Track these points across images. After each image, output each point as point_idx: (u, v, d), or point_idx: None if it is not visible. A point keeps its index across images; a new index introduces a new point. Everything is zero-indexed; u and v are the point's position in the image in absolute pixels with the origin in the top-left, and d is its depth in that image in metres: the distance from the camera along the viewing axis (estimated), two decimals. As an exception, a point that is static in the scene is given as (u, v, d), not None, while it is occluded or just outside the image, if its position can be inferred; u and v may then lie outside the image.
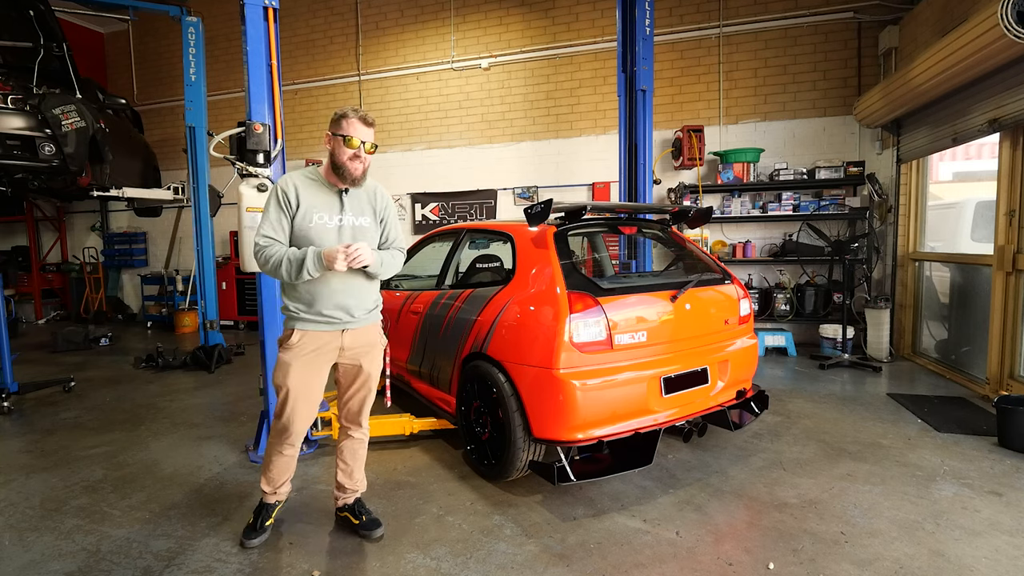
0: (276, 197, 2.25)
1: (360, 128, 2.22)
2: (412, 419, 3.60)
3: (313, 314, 2.29)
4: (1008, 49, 3.56)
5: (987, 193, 4.48)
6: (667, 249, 4.89)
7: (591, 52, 7.23)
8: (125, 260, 9.68)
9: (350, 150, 2.21)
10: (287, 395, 2.31)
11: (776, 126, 6.62)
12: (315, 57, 8.43)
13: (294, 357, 2.30)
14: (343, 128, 2.22)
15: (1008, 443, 3.30)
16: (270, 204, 2.25)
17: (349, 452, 2.55)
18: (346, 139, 2.20)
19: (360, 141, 2.21)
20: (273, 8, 3.22)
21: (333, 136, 2.24)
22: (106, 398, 4.83)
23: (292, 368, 2.29)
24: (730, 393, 3.19)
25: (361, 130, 2.22)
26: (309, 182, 2.29)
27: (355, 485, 2.57)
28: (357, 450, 2.56)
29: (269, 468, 2.47)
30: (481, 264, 3.59)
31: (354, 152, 2.22)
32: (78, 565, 2.31)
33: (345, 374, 2.45)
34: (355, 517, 2.54)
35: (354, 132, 2.21)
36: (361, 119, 2.23)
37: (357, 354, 2.40)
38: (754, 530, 2.49)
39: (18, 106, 4.74)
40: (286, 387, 2.30)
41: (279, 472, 2.47)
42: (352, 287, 2.32)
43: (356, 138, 2.21)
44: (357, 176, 2.26)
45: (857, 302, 6.05)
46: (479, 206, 7.81)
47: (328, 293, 2.28)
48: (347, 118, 2.22)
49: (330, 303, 2.29)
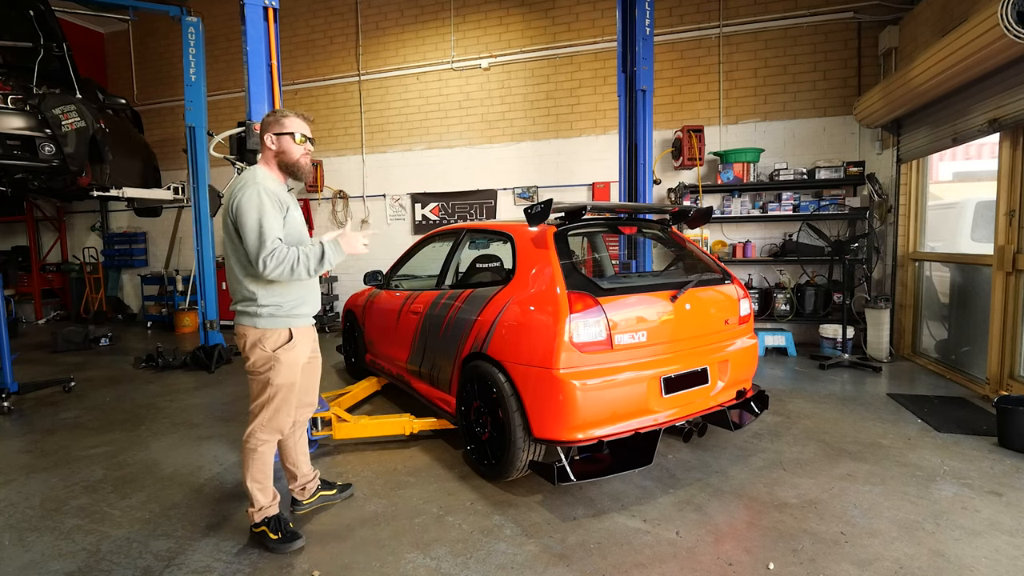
0: (269, 200, 2.21)
1: (305, 125, 2.32)
2: (412, 419, 3.60)
3: (307, 310, 2.41)
4: (1008, 49, 3.56)
5: (987, 193, 4.48)
6: (667, 249, 4.89)
7: (591, 52, 7.23)
8: (125, 260, 9.68)
9: (301, 147, 2.30)
10: (289, 391, 2.35)
11: (776, 126, 6.62)
12: (315, 57, 8.43)
13: (299, 356, 2.36)
14: (288, 127, 2.28)
15: (1008, 443, 3.30)
16: (266, 208, 2.18)
17: (304, 440, 2.73)
18: (297, 136, 2.29)
19: (306, 137, 2.31)
20: (273, 8, 3.22)
21: (278, 136, 2.29)
22: (106, 398, 4.83)
23: (298, 367, 2.37)
24: (730, 393, 3.19)
25: (307, 128, 2.33)
26: (273, 183, 2.31)
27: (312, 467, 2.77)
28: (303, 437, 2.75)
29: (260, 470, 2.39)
30: (481, 264, 3.60)
31: (305, 149, 2.31)
32: (78, 565, 2.31)
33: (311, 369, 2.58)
34: (329, 489, 2.76)
35: (303, 130, 2.29)
36: (303, 117, 2.33)
37: (317, 345, 2.59)
38: (754, 530, 2.49)
39: (18, 106, 4.74)
40: (288, 384, 2.34)
41: (266, 471, 2.41)
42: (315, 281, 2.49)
43: (307, 135, 2.31)
44: (308, 170, 2.37)
45: (857, 302, 6.05)
46: (479, 206, 7.81)
47: (314, 288, 2.44)
48: (289, 117, 2.30)
49: (314, 299, 2.44)
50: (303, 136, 2.30)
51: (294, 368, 2.36)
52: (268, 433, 2.38)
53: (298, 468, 2.69)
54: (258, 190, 2.20)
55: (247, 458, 2.39)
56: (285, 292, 2.33)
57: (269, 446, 2.42)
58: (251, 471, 2.39)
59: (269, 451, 2.42)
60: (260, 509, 2.41)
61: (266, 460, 2.42)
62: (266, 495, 2.43)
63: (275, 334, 2.32)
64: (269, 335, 2.31)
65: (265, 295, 2.31)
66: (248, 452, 2.39)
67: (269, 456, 2.43)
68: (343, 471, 3.18)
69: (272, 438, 2.41)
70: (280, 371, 2.32)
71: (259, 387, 2.36)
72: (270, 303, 2.31)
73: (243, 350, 2.35)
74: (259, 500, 2.40)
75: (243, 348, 2.35)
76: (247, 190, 2.20)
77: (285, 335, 2.33)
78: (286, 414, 2.39)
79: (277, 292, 2.32)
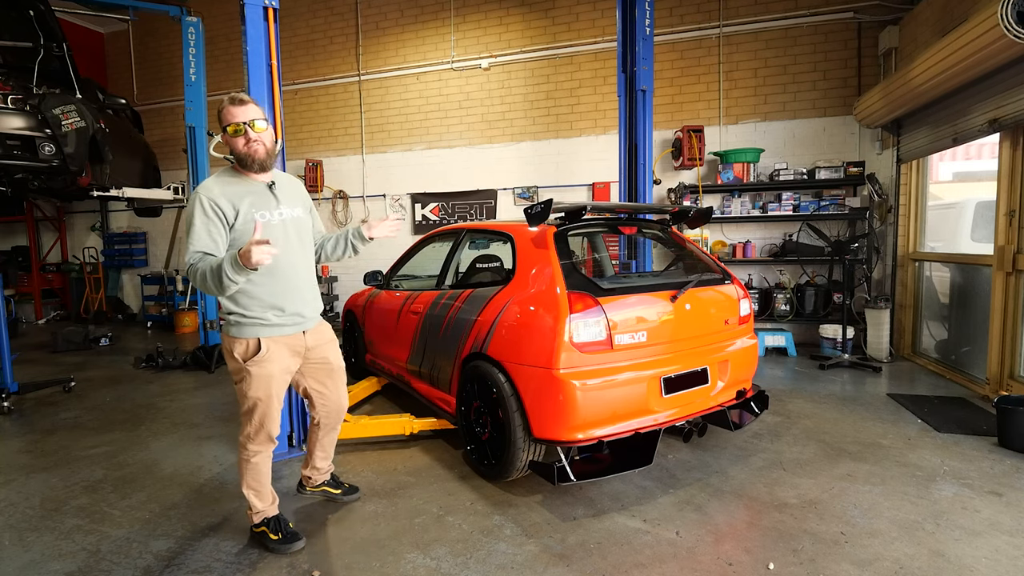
0: (203, 208, 2.08)
1: (234, 111, 2.14)
2: (412, 419, 3.60)
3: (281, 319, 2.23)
4: (1008, 49, 3.56)
5: (987, 193, 4.48)
6: (667, 249, 4.89)
7: (591, 52, 7.23)
8: (125, 260, 9.68)
9: (239, 137, 2.13)
10: (268, 404, 2.25)
11: (776, 126, 6.62)
12: (315, 57, 8.43)
13: (273, 368, 2.22)
14: (223, 119, 2.14)
15: (1008, 443, 3.30)
16: (195, 218, 2.07)
17: (330, 441, 2.69)
18: (228, 128, 2.13)
19: (241, 123, 2.13)
20: (273, 8, 3.22)
21: (223, 133, 2.16)
22: (106, 398, 4.83)
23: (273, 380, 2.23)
24: (730, 393, 3.19)
25: (236, 112, 2.14)
26: (231, 185, 2.18)
27: (330, 464, 2.80)
28: (336, 437, 2.74)
29: (256, 479, 2.36)
30: (481, 264, 3.60)
31: (244, 137, 2.13)
32: (78, 565, 2.31)
33: (316, 375, 2.47)
34: (336, 487, 2.75)
35: (232, 118, 2.14)
36: (231, 101, 2.14)
37: (322, 350, 2.44)
38: (754, 530, 2.49)
39: (18, 106, 4.73)
40: (265, 397, 2.24)
41: (264, 478, 2.39)
42: (307, 283, 2.35)
43: (236, 122, 2.13)
44: (260, 157, 2.17)
45: (857, 302, 6.05)
46: (479, 206, 7.81)
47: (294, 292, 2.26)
48: (222, 109, 2.15)
49: (295, 304, 2.26)
50: (233, 125, 2.12)
51: (266, 381, 2.22)
52: (258, 444, 2.33)
53: (313, 459, 2.72)
54: (197, 198, 2.10)
55: (241, 466, 2.38)
56: (245, 298, 2.17)
57: (262, 456, 2.37)
58: (246, 479, 2.38)
59: (263, 460, 2.37)
60: (258, 512, 2.41)
61: (260, 469, 2.38)
62: (263, 500, 2.41)
63: (242, 344, 2.20)
64: (237, 344, 2.20)
65: (226, 302, 2.19)
66: (242, 461, 2.37)
67: (263, 465, 2.38)
68: (343, 471, 3.18)
69: (264, 448, 2.36)
70: (251, 383, 2.21)
71: (240, 396, 2.28)
72: (233, 310, 2.19)
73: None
74: (256, 504, 2.40)
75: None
76: (191, 198, 2.12)
77: (254, 345, 2.19)
78: (273, 423, 2.32)
79: (236, 299, 2.17)
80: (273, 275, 2.20)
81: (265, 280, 2.19)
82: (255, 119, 2.16)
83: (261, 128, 2.17)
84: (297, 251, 2.32)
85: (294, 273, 2.28)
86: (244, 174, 2.23)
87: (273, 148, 2.24)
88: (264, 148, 2.18)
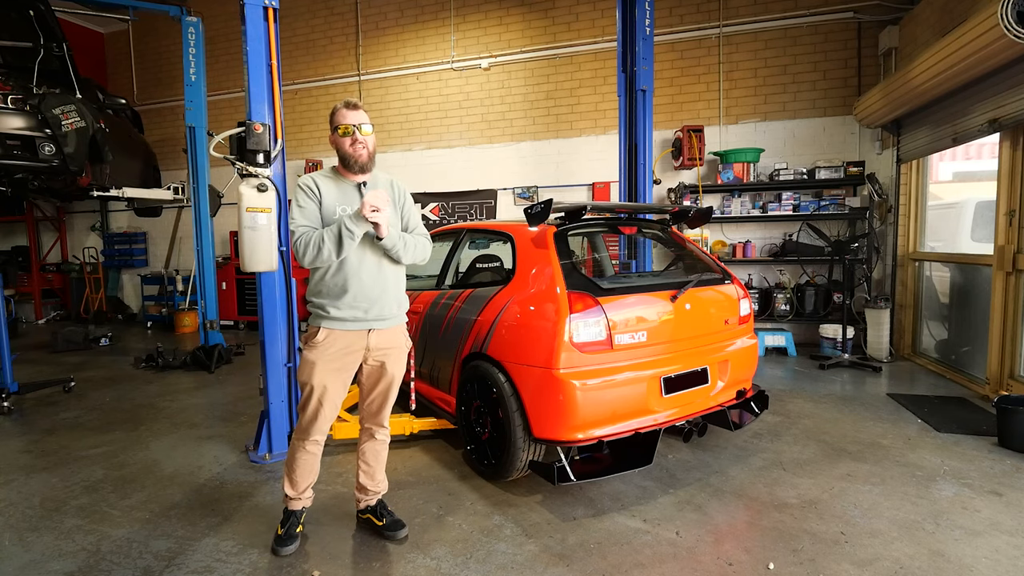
0: (302, 191, 2.31)
1: (347, 114, 2.32)
2: (412, 419, 3.59)
3: (341, 313, 2.29)
4: (1008, 49, 3.56)
5: (987, 193, 4.48)
6: (667, 249, 4.89)
7: (591, 52, 7.23)
8: (125, 260, 9.68)
9: (347, 137, 2.30)
10: (311, 392, 2.31)
11: (776, 126, 6.62)
12: (315, 57, 8.43)
13: (319, 356, 2.29)
14: (335, 121, 2.34)
15: (1008, 443, 3.30)
16: (298, 198, 2.30)
17: (372, 453, 2.53)
18: (339, 128, 2.31)
19: (352, 125, 2.29)
20: (273, 8, 3.22)
21: (333, 133, 2.34)
22: (106, 398, 4.83)
23: (317, 367, 2.29)
24: (730, 393, 3.19)
25: (348, 115, 2.31)
26: (326, 179, 2.36)
27: (377, 487, 2.55)
28: (380, 451, 2.54)
29: (293, 469, 2.41)
30: (481, 264, 3.60)
31: (351, 138, 2.29)
32: (78, 565, 2.31)
33: (368, 375, 2.44)
34: (378, 519, 2.52)
35: (343, 120, 2.31)
36: (345, 105, 2.34)
37: (382, 355, 2.39)
38: (754, 530, 2.49)
39: (18, 106, 4.73)
40: (310, 384, 2.30)
41: (303, 473, 2.42)
42: (379, 283, 2.33)
43: (346, 123, 2.30)
44: (363, 160, 2.33)
45: (857, 302, 6.05)
46: (479, 206, 7.81)
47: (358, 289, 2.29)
48: (336, 111, 2.34)
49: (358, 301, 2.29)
50: (344, 127, 2.30)
51: (310, 366, 2.28)
52: (302, 437, 2.37)
53: (358, 473, 2.56)
54: (299, 183, 2.33)
55: (290, 451, 2.44)
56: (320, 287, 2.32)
57: (306, 454, 2.39)
58: (288, 463, 2.44)
59: (305, 457, 2.39)
60: (285, 497, 2.45)
61: (301, 463, 2.39)
62: (293, 488, 2.43)
63: (312, 330, 2.33)
64: (309, 331, 2.35)
65: (309, 292, 2.36)
66: (291, 448, 2.44)
67: (306, 462, 2.40)
68: (343, 471, 3.18)
69: (310, 446, 2.38)
70: (301, 366, 2.33)
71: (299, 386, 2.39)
72: (310, 299, 2.35)
73: None
74: (286, 487, 2.44)
75: None
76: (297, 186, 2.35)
77: (314, 332, 2.32)
78: (323, 420, 2.34)
79: (313, 288, 2.34)
80: (343, 270, 2.29)
81: (337, 273, 2.29)
82: (363, 123, 2.32)
83: (367, 132, 2.33)
84: (369, 249, 2.32)
85: (364, 271, 2.30)
86: (342, 173, 2.39)
87: (374, 152, 2.39)
88: (367, 152, 2.34)
